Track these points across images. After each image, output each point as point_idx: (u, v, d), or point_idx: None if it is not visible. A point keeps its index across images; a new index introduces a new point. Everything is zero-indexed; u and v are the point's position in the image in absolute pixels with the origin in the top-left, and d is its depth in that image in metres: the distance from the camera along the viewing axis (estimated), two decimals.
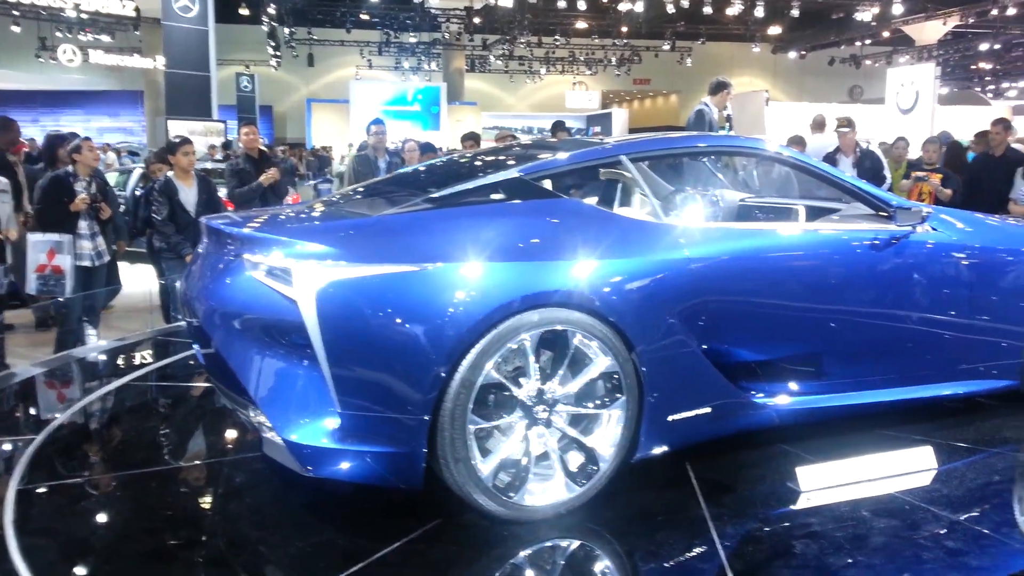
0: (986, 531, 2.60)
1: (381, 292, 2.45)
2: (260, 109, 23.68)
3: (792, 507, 2.78)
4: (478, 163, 3.42)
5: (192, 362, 4.52)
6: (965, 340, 3.52)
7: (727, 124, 8.25)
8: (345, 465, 2.46)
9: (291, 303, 2.42)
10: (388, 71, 27.04)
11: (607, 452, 2.70)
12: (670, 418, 2.83)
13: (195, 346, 3.09)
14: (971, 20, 18.82)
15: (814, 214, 3.82)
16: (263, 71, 24.86)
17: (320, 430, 2.44)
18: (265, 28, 21.82)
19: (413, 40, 24.77)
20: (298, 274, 2.43)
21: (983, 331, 3.56)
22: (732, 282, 2.96)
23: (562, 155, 3.16)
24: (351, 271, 2.44)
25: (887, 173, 7.55)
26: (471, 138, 8.65)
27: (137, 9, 19.24)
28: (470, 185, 2.94)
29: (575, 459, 2.69)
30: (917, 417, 3.53)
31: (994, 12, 17.46)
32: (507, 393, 2.57)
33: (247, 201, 6.38)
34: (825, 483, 2.90)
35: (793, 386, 3.15)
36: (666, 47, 24.72)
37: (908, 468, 3.03)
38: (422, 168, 3.67)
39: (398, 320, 2.43)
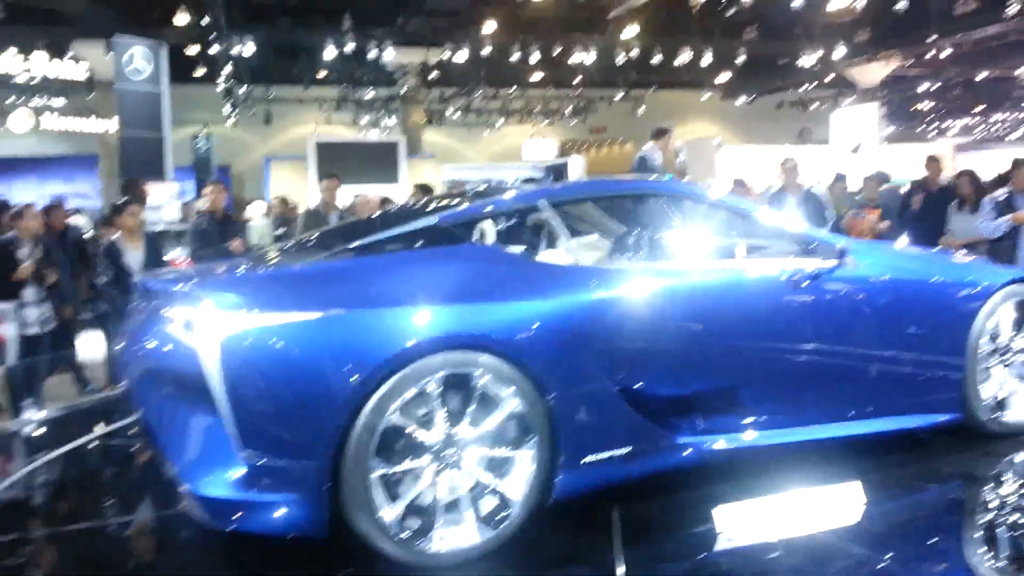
0: (893, 568, 2.60)
1: (282, 339, 2.47)
2: (218, 168, 23.60)
3: (708, 550, 2.78)
4: (406, 213, 3.48)
5: (136, 428, 4.44)
6: (900, 374, 3.49)
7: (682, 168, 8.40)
8: (250, 516, 2.45)
9: (195, 353, 2.46)
10: (347, 126, 27.18)
11: (519, 495, 2.69)
12: (585, 460, 2.82)
13: (133, 407, 3.10)
14: (910, 62, 19.52)
15: (750, 253, 3.89)
16: (220, 130, 24.82)
17: (224, 481, 2.44)
18: (221, 88, 21.87)
19: (371, 96, 24.97)
20: (199, 323, 2.46)
21: (918, 364, 3.53)
22: (648, 322, 2.98)
23: (481, 203, 3.23)
24: (252, 319, 2.47)
25: (828, 213, 7.75)
26: (421, 188, 8.81)
27: (90, 72, 19.20)
28: (389, 234, 3.02)
29: (486, 503, 2.68)
30: (856, 453, 3.50)
31: (931, 54, 18.15)
32: (413, 437, 2.58)
33: None
34: (746, 523, 2.89)
35: (719, 425, 3.14)
36: (619, 96, 25.22)
37: (836, 505, 3.03)
38: (355, 221, 3.74)
39: (298, 367, 2.45)
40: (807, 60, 19.31)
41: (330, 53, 17.80)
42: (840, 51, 18.25)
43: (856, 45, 18.29)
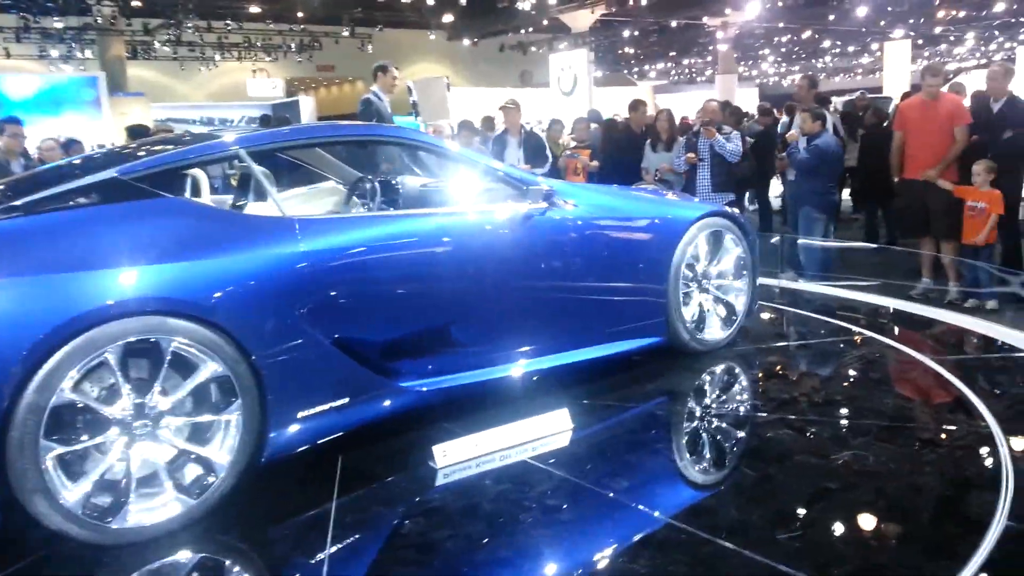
0: (587, 485, 2.80)
1: None
2: None
3: (423, 488, 2.85)
4: (84, 165, 3.13)
5: None
6: (608, 304, 3.78)
7: (413, 111, 8.32)
8: None
9: None
10: (32, 60, 23.72)
11: (224, 459, 2.61)
12: (300, 414, 2.79)
13: None
14: (614, 9, 20.96)
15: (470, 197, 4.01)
16: None
17: None
18: None
19: (59, 25, 21.93)
20: None
21: (626, 293, 3.83)
22: (357, 271, 2.95)
23: (171, 151, 2.98)
24: None
25: (549, 153, 8.20)
26: (133, 131, 8.04)
27: None
28: (58, 190, 2.69)
29: (189, 471, 2.58)
30: (571, 381, 3.71)
31: (631, 2, 19.64)
32: (95, 411, 2.41)
33: None
34: (465, 457, 3.01)
35: (439, 367, 3.22)
36: (345, 33, 24.49)
37: (546, 432, 3.20)
38: (28, 174, 3.30)
39: None
40: (524, 4, 20.04)
41: None
42: None
43: None
